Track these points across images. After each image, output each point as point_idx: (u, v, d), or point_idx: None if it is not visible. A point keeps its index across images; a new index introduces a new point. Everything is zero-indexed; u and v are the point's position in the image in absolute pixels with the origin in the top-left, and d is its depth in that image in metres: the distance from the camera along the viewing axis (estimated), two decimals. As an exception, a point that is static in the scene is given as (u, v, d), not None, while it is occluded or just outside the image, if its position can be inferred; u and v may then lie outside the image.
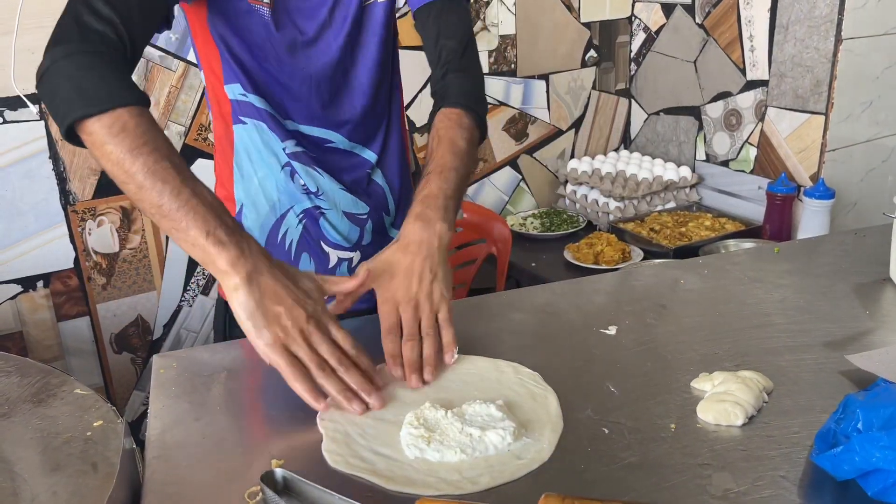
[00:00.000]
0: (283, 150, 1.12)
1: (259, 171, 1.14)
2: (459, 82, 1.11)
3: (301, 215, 1.16)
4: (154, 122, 0.84)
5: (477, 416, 0.79)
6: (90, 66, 0.84)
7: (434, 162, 1.02)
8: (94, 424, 0.79)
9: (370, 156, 1.19)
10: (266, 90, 1.10)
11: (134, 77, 1.94)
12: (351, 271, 1.18)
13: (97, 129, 0.81)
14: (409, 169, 1.28)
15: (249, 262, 0.80)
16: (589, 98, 2.67)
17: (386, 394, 0.85)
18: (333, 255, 1.18)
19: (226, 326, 1.20)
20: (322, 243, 1.17)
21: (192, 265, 2.11)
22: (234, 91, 1.10)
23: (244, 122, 1.11)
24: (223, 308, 1.21)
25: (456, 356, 0.91)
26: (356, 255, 1.20)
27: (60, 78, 0.83)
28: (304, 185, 1.14)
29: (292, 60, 1.09)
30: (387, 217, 1.23)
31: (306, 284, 0.85)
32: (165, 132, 2.01)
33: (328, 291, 0.88)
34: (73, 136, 0.84)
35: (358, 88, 1.15)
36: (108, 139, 0.80)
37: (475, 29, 2.28)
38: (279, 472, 0.68)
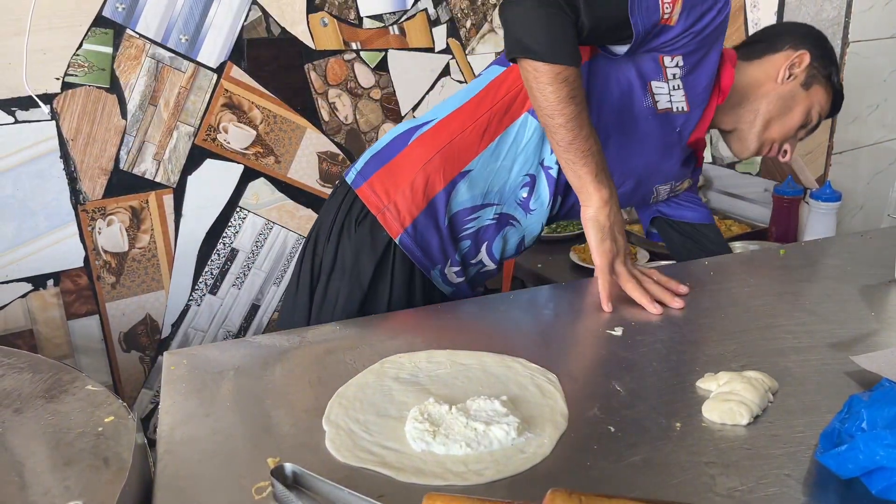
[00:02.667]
0: (542, 162, 1.24)
1: (509, 159, 1.23)
2: None
3: (496, 216, 1.26)
4: (581, 81, 1.08)
5: (481, 412, 0.80)
6: (555, 21, 1.04)
7: None
8: (106, 420, 0.80)
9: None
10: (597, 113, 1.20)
11: (143, 80, 1.96)
12: (480, 275, 1.34)
13: (545, 71, 1.05)
14: None
15: (612, 201, 1.11)
16: (596, 100, 2.67)
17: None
18: (482, 258, 1.29)
19: (424, 292, 1.27)
20: (484, 247, 1.28)
21: (201, 264, 2.13)
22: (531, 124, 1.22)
23: (535, 118, 1.20)
24: (421, 280, 1.27)
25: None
26: (493, 269, 1.34)
27: (534, 16, 1.04)
28: (526, 197, 1.25)
29: (641, 124, 1.24)
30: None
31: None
32: (175, 133, 2.03)
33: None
34: (519, 54, 1.08)
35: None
36: (551, 82, 1.05)
37: (482, 31, 2.29)
38: (289, 466, 0.69)
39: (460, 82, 2.27)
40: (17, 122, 1.81)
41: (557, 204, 1.29)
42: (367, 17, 2.15)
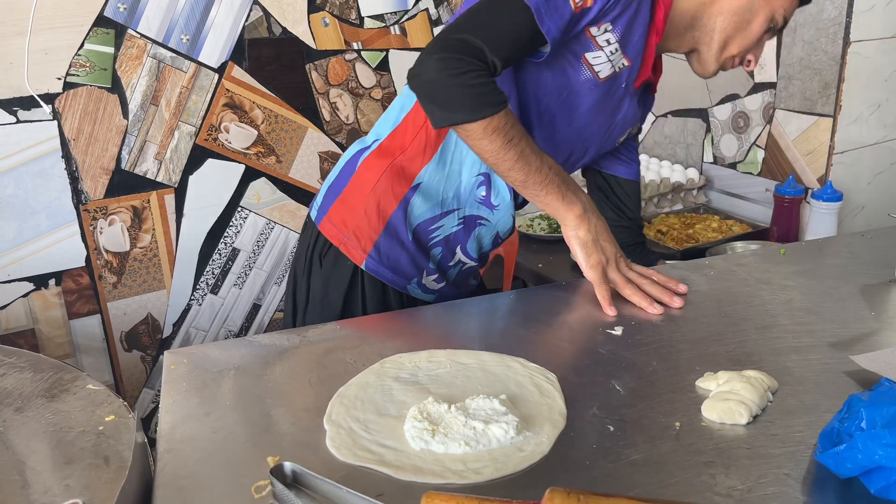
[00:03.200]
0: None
1: (456, 163, 1.21)
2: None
3: (462, 220, 1.24)
4: (513, 118, 1.05)
5: (480, 411, 0.80)
6: (463, 79, 1.01)
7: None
8: (107, 419, 0.80)
9: None
10: (519, 107, 1.17)
11: (144, 79, 1.96)
12: (463, 273, 1.31)
13: (474, 129, 1.03)
14: None
15: (589, 213, 1.11)
16: (597, 100, 2.67)
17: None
18: (459, 258, 1.27)
19: (363, 300, 1.26)
20: (458, 248, 1.26)
21: (202, 264, 2.13)
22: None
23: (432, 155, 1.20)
24: (397, 297, 1.27)
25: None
26: (475, 265, 1.31)
27: (441, 84, 1.02)
28: (486, 196, 1.22)
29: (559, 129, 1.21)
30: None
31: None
32: (176, 133, 2.03)
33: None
34: (442, 124, 1.06)
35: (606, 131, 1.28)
36: (483, 136, 1.04)
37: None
38: (288, 465, 0.69)
39: (461, 82, 2.27)
40: (18, 121, 1.81)
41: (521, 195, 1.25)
42: (368, 17, 2.15)
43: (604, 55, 1.13)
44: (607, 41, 1.12)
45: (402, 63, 2.23)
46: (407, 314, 1.15)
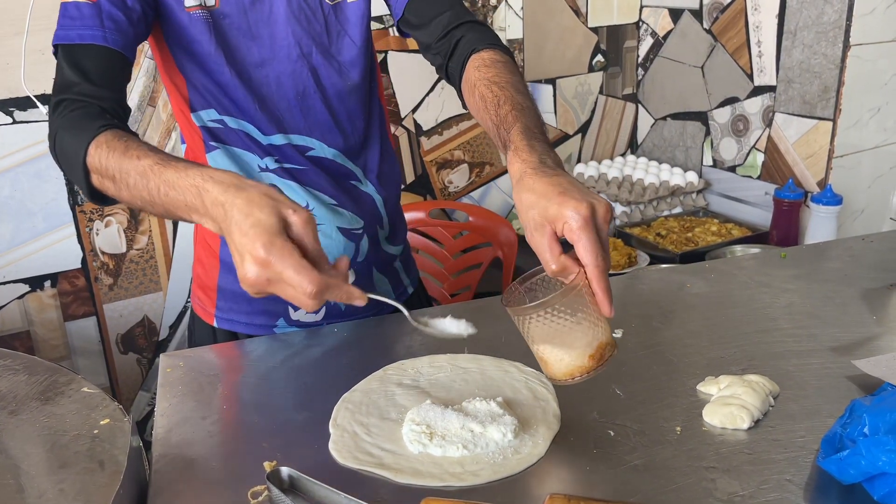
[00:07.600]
0: (261, 168, 1.07)
1: None
2: (477, 30, 1.04)
3: None
4: (111, 141, 0.82)
5: (478, 413, 0.80)
6: (62, 149, 0.88)
7: (511, 106, 0.88)
8: (102, 422, 0.80)
9: (352, 164, 1.13)
10: (231, 106, 1.05)
11: (142, 80, 1.95)
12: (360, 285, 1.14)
13: (98, 185, 0.85)
14: (400, 179, 1.24)
15: (216, 223, 0.73)
16: (596, 103, 2.67)
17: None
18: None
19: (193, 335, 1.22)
20: None
21: (199, 266, 2.12)
22: (203, 118, 1.06)
23: (216, 148, 1.07)
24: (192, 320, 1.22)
25: None
26: (350, 274, 1.14)
27: (58, 162, 0.90)
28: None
29: (248, 68, 1.04)
30: (381, 231, 1.17)
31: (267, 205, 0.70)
32: (173, 134, 2.02)
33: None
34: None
35: (331, 90, 1.09)
36: (108, 188, 0.84)
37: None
38: (285, 470, 0.69)
39: (460, 84, 2.27)
40: (15, 122, 1.80)
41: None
42: (367, 18, 2.14)
43: None
44: None
45: (400, 65, 2.22)
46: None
